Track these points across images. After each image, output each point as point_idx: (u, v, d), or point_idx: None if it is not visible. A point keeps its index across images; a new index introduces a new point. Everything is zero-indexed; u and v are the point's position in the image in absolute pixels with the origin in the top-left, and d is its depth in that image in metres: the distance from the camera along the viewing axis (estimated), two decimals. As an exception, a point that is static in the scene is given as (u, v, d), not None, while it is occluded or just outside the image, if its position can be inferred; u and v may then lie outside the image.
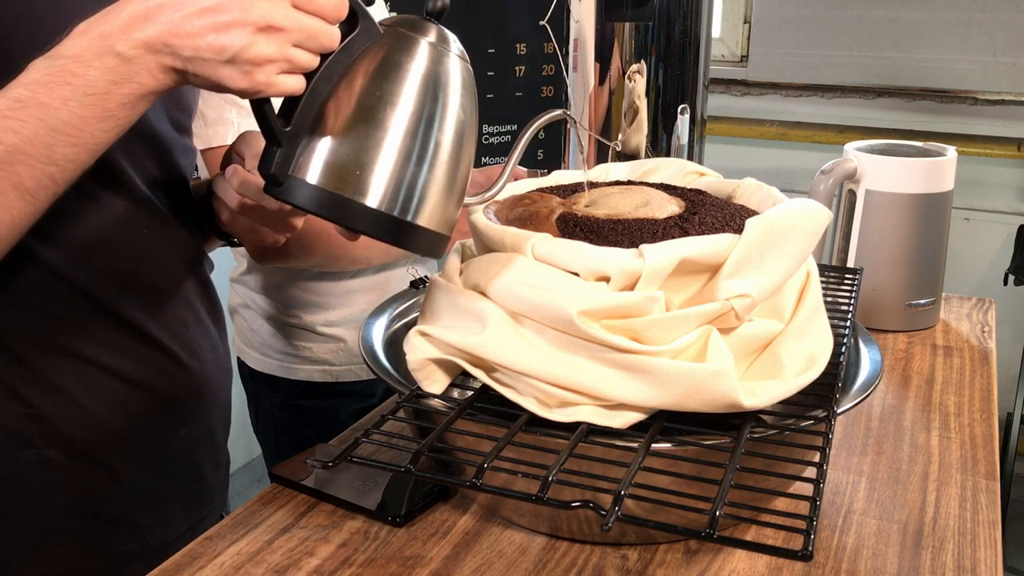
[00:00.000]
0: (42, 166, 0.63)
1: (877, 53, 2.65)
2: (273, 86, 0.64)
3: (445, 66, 0.68)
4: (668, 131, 1.35)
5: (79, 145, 0.63)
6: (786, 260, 0.73)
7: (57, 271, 0.77)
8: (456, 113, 0.69)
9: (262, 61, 0.63)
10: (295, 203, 0.66)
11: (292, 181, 0.66)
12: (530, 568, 0.75)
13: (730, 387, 0.68)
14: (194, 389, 0.89)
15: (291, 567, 0.75)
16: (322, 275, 1.29)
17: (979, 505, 0.85)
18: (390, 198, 0.66)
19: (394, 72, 0.66)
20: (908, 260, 1.26)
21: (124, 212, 0.81)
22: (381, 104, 0.66)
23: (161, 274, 0.86)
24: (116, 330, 0.81)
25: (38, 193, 0.64)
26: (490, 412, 0.72)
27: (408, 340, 0.76)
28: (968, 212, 2.61)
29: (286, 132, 0.66)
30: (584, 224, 0.78)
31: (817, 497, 0.60)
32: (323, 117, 0.66)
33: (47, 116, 0.62)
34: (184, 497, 0.92)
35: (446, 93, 0.68)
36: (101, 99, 0.63)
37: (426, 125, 0.67)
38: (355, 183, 0.65)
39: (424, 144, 0.67)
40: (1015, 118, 2.55)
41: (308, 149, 0.66)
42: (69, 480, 0.81)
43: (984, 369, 1.15)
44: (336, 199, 0.65)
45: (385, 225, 0.67)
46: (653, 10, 1.28)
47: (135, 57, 0.62)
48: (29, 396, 0.77)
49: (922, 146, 1.31)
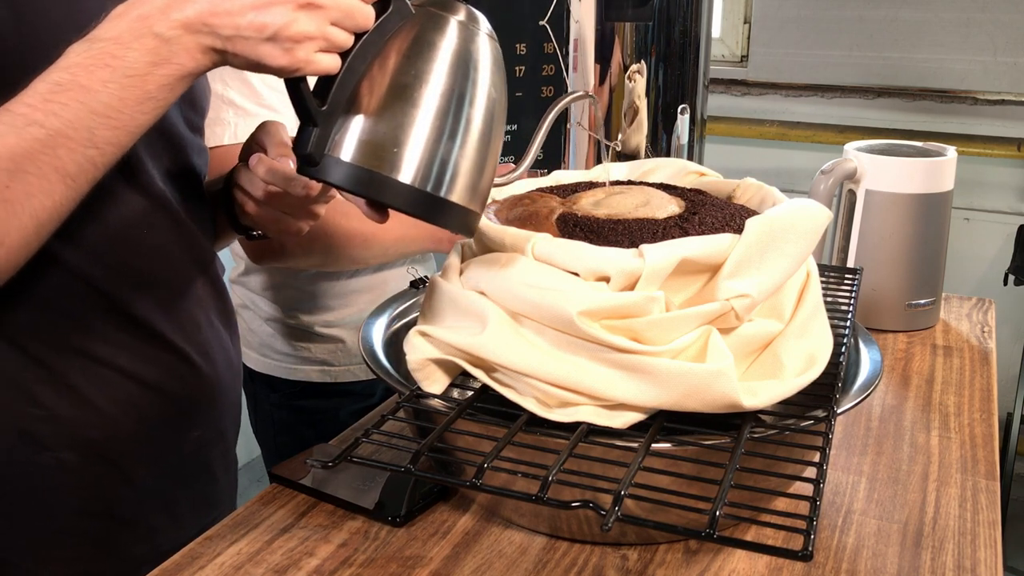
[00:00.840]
0: (83, 149, 0.63)
1: (877, 53, 2.65)
2: (312, 64, 0.65)
3: (475, 44, 0.69)
4: (668, 131, 1.35)
5: (119, 128, 0.64)
6: (786, 260, 0.73)
7: (74, 270, 0.76)
8: (487, 90, 0.70)
9: (302, 38, 0.63)
10: (331, 181, 0.67)
11: (328, 160, 0.67)
12: (530, 568, 0.75)
13: (730, 387, 0.68)
14: (207, 391, 0.89)
15: (291, 567, 0.75)
16: (320, 275, 1.29)
17: (979, 505, 0.85)
18: (424, 174, 0.67)
19: (427, 50, 0.67)
20: (908, 260, 1.26)
21: (141, 210, 0.80)
22: (415, 82, 0.67)
23: (175, 274, 0.86)
24: (130, 332, 0.81)
25: (79, 177, 0.64)
26: (490, 412, 0.72)
27: (408, 340, 0.76)
28: (968, 212, 2.61)
29: (322, 111, 0.66)
30: (584, 224, 0.78)
31: (817, 497, 0.60)
32: (357, 96, 0.67)
33: (88, 99, 0.62)
34: (196, 499, 0.91)
35: (477, 71, 0.69)
36: (141, 80, 0.63)
37: (458, 102, 0.68)
38: (390, 160, 0.66)
39: (456, 121, 0.68)
40: (1015, 118, 2.55)
41: (343, 128, 0.67)
42: (83, 482, 0.80)
43: (984, 369, 1.15)
44: (372, 176, 0.66)
45: (420, 201, 0.68)
46: (653, 10, 1.28)
47: (174, 38, 0.63)
48: (44, 398, 0.77)
49: (922, 146, 1.31)
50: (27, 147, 0.61)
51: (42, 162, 0.62)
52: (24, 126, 0.61)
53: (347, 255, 1.19)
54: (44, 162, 0.62)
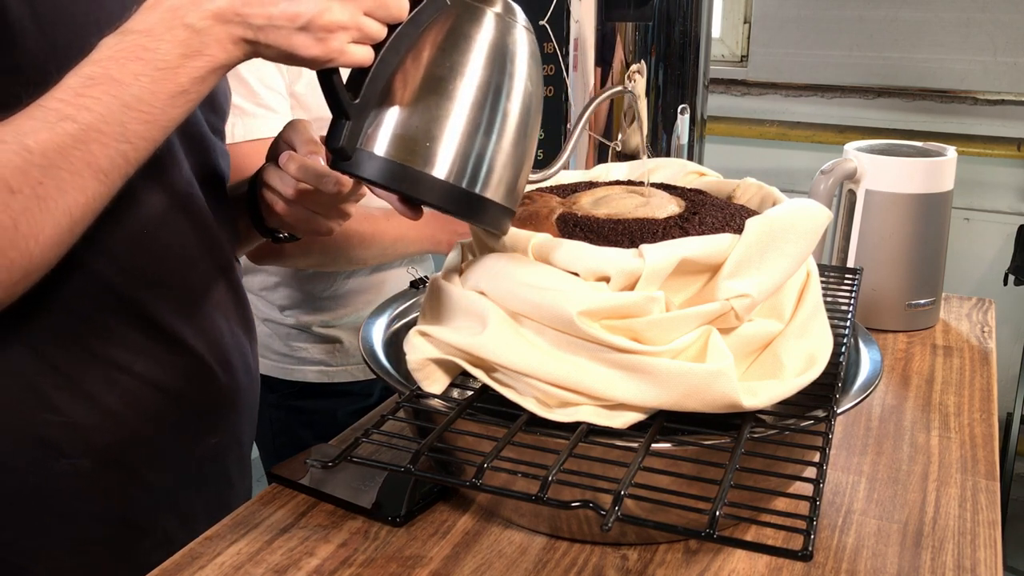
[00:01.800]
0: (115, 144, 0.62)
1: (877, 53, 2.65)
2: (345, 54, 0.64)
3: (512, 37, 0.68)
4: (668, 131, 1.35)
5: (151, 121, 0.63)
6: (786, 260, 0.73)
7: (93, 273, 0.75)
8: (524, 84, 0.68)
9: (335, 28, 0.62)
10: (364, 176, 0.66)
11: (360, 154, 0.65)
12: (530, 568, 0.75)
13: (730, 387, 0.68)
14: (225, 398, 0.88)
15: (291, 567, 0.75)
16: (318, 276, 1.29)
17: (979, 505, 0.85)
18: (459, 170, 0.66)
19: (462, 43, 0.66)
20: (908, 260, 1.26)
21: (164, 214, 0.79)
22: (450, 75, 0.65)
23: (196, 278, 0.84)
24: (150, 336, 0.80)
25: (112, 172, 0.63)
26: (490, 412, 0.72)
27: (408, 340, 0.76)
28: (968, 212, 2.61)
29: (355, 104, 0.65)
30: (584, 224, 0.78)
31: (817, 497, 0.60)
32: (391, 89, 0.66)
33: (120, 92, 0.61)
34: (211, 505, 0.90)
35: (513, 64, 0.68)
36: (173, 73, 0.62)
37: (494, 96, 0.67)
38: (424, 155, 0.65)
39: (492, 115, 0.67)
40: (1015, 118, 2.55)
41: (376, 122, 0.66)
42: (99, 488, 0.79)
43: (984, 369, 1.15)
44: (406, 171, 0.65)
45: (454, 197, 0.66)
46: (653, 10, 1.28)
47: (205, 28, 0.62)
48: (61, 404, 0.76)
49: (922, 146, 1.31)
50: (60, 142, 0.61)
51: (75, 157, 0.61)
52: (56, 121, 0.61)
53: (345, 255, 1.18)
54: (77, 157, 0.61)
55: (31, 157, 0.60)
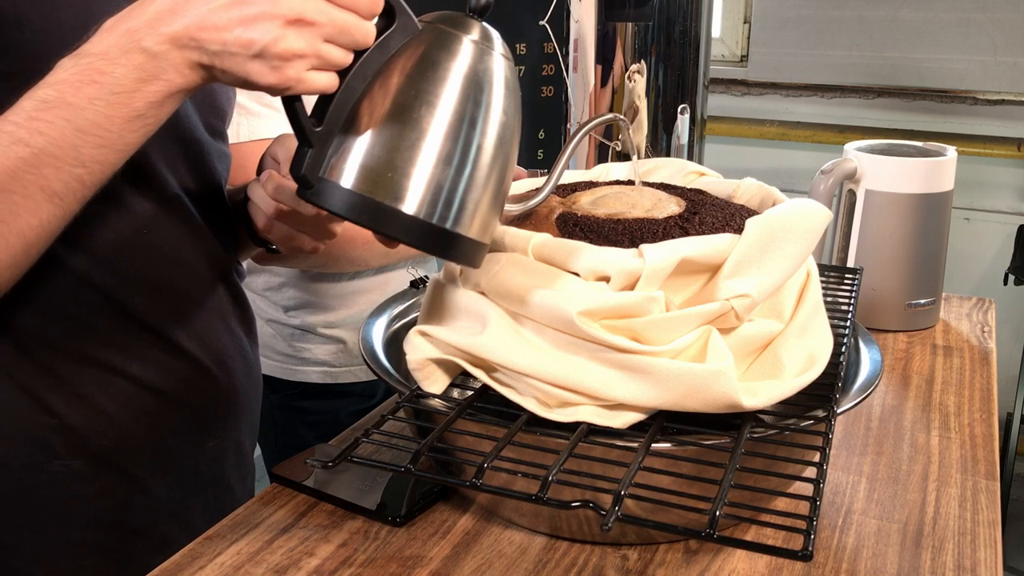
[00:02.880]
0: (69, 168, 0.61)
1: (877, 53, 2.65)
2: (303, 83, 0.61)
3: (487, 65, 0.65)
4: (668, 131, 1.35)
5: (106, 146, 0.62)
6: (786, 260, 0.73)
7: (84, 277, 0.75)
8: (498, 115, 0.65)
9: (291, 56, 0.60)
10: (326, 207, 0.63)
11: (324, 184, 0.63)
12: (530, 568, 0.75)
13: (730, 387, 0.68)
14: (223, 401, 0.88)
15: (291, 567, 0.75)
16: (322, 276, 1.29)
17: (979, 505, 0.85)
18: (427, 204, 0.63)
19: (432, 70, 0.63)
20: (908, 260, 1.26)
21: (154, 217, 0.79)
22: (418, 104, 0.62)
23: (191, 281, 0.84)
24: (143, 339, 0.80)
25: (66, 196, 0.62)
26: (490, 412, 0.72)
27: (408, 340, 0.76)
28: (968, 212, 2.61)
29: (317, 132, 0.62)
30: (584, 224, 0.78)
31: (817, 497, 0.60)
32: (357, 117, 0.63)
33: (74, 116, 0.60)
34: (210, 508, 0.90)
35: (489, 94, 0.64)
36: (128, 98, 0.61)
37: (468, 127, 0.63)
38: (390, 187, 0.62)
39: (465, 147, 0.63)
40: (1015, 118, 2.55)
41: (341, 150, 0.63)
42: (95, 491, 0.79)
43: (984, 369, 1.15)
44: (369, 204, 0.62)
45: (421, 232, 0.63)
46: (653, 10, 1.28)
47: (161, 53, 0.61)
48: (56, 406, 0.76)
49: (922, 146, 1.31)
50: (11, 166, 0.60)
51: (27, 181, 0.61)
52: (9, 144, 0.60)
53: (348, 256, 1.18)
54: (29, 181, 0.61)
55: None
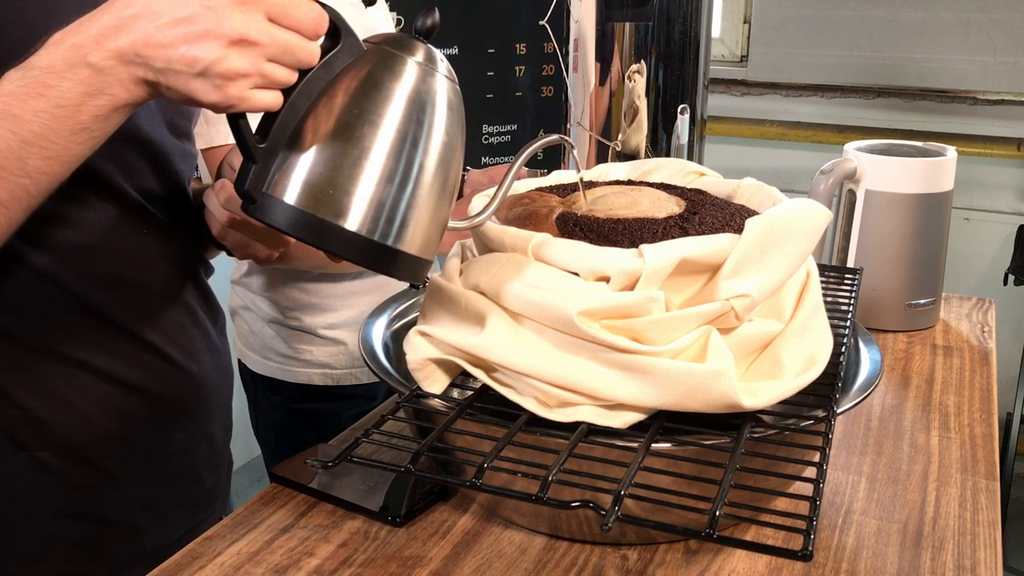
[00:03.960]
0: (15, 178, 0.62)
1: (877, 53, 2.65)
2: (246, 101, 0.62)
3: (430, 86, 0.66)
4: (668, 131, 1.35)
5: (52, 158, 0.63)
6: (786, 260, 0.73)
7: (48, 275, 0.76)
8: (441, 135, 0.66)
9: (234, 75, 0.61)
10: (268, 222, 0.64)
11: (267, 199, 0.64)
12: (530, 568, 0.75)
13: (730, 387, 0.68)
14: (191, 392, 0.89)
15: (291, 567, 0.75)
16: (323, 277, 1.29)
17: (979, 505, 0.85)
18: (369, 221, 0.64)
19: (375, 90, 0.64)
20: (908, 260, 1.26)
21: (115, 218, 0.80)
22: (360, 122, 0.64)
23: (154, 279, 0.85)
24: (109, 334, 0.81)
25: (12, 205, 0.63)
26: (490, 412, 0.72)
27: (408, 340, 0.76)
28: (968, 212, 2.61)
29: (261, 148, 0.63)
30: (584, 224, 0.78)
31: (817, 497, 0.60)
32: (301, 134, 0.64)
33: (19, 128, 0.61)
34: (181, 499, 0.91)
35: (432, 114, 0.66)
36: (74, 111, 0.62)
37: (410, 146, 0.65)
38: (331, 204, 0.63)
39: (407, 166, 0.65)
40: (1015, 118, 2.55)
41: (284, 167, 0.64)
42: (64, 483, 0.80)
43: (984, 369, 1.15)
44: (311, 220, 0.63)
45: (362, 249, 0.64)
46: (653, 10, 1.28)
47: (107, 68, 0.61)
48: (23, 399, 0.77)
49: (922, 146, 1.31)
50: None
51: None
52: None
53: None
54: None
55: None
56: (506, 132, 1.33)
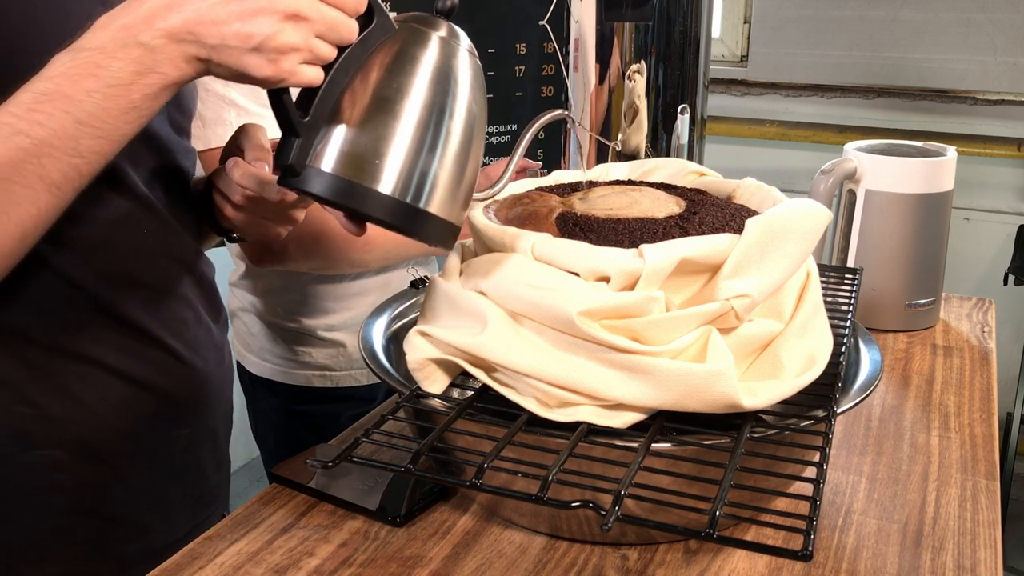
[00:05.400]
0: (68, 158, 0.63)
1: (877, 53, 2.65)
2: (296, 75, 0.65)
3: (456, 60, 0.70)
4: (668, 131, 1.35)
5: (104, 137, 0.64)
6: (786, 260, 0.73)
7: (62, 273, 0.77)
8: (467, 105, 0.70)
9: (287, 49, 0.64)
10: (312, 192, 0.68)
11: (309, 171, 0.68)
12: (530, 568, 0.75)
13: (730, 387, 0.68)
14: (196, 388, 0.90)
15: (291, 567, 0.75)
16: (322, 279, 1.29)
17: (979, 505, 0.85)
18: (403, 186, 0.68)
19: (408, 64, 0.68)
20: (908, 260, 1.26)
21: (125, 213, 0.81)
22: (396, 95, 0.68)
23: (162, 274, 0.86)
24: (118, 331, 0.82)
25: (64, 186, 0.64)
26: (490, 412, 0.72)
27: (408, 340, 0.76)
28: (968, 212, 2.61)
29: (304, 123, 0.67)
30: (584, 223, 0.78)
31: (817, 497, 0.60)
32: (339, 108, 0.68)
33: (72, 108, 0.63)
34: (187, 497, 0.92)
35: (457, 85, 0.70)
36: (125, 90, 0.63)
37: (438, 115, 0.69)
38: (371, 171, 0.67)
39: (436, 134, 0.69)
40: (1015, 118, 2.55)
41: (324, 139, 0.68)
42: (74, 481, 0.81)
43: (984, 369, 1.15)
44: (353, 187, 0.67)
45: (399, 212, 0.68)
46: (653, 10, 1.28)
47: (158, 47, 0.63)
48: (35, 397, 0.77)
49: (922, 146, 1.31)
50: (12, 156, 0.62)
51: (27, 171, 0.62)
52: (9, 135, 0.62)
53: (348, 259, 1.18)
54: (29, 171, 0.63)
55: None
56: (506, 132, 1.33)
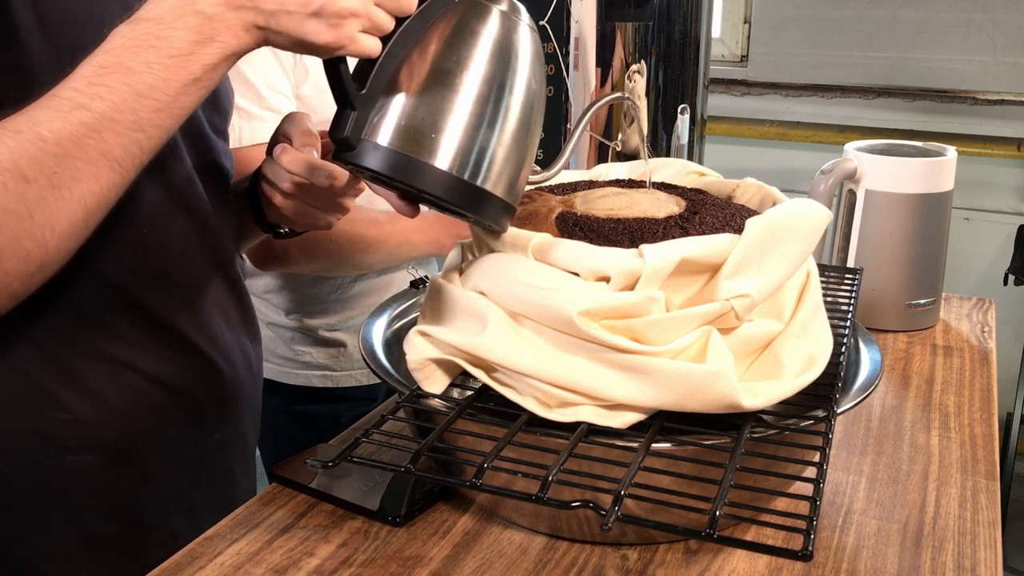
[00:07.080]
0: (129, 132, 0.62)
1: (877, 53, 2.65)
2: (355, 43, 0.64)
3: (517, 34, 0.68)
4: (668, 131, 1.35)
5: (164, 109, 0.63)
6: (786, 260, 0.73)
7: (97, 271, 0.76)
8: (528, 81, 0.69)
9: (347, 14, 0.63)
10: (367, 166, 0.66)
11: (365, 144, 0.66)
12: (530, 568, 0.75)
13: (730, 387, 0.68)
14: (227, 394, 0.89)
15: (291, 567, 0.75)
16: (323, 279, 1.29)
17: (979, 505, 0.85)
18: (462, 162, 0.66)
19: (469, 38, 0.67)
20: (908, 260, 1.26)
21: (164, 211, 0.80)
22: (456, 69, 0.66)
23: (197, 275, 0.85)
24: (152, 333, 0.80)
25: (125, 161, 0.63)
26: (490, 412, 0.72)
27: (408, 340, 0.76)
28: (968, 212, 2.61)
29: (361, 95, 0.66)
30: (584, 223, 0.78)
31: (817, 497, 0.60)
32: (397, 81, 0.66)
33: (132, 80, 0.62)
34: (217, 502, 0.90)
35: (518, 60, 0.68)
36: (185, 60, 0.63)
37: (498, 91, 0.67)
38: (428, 146, 0.65)
39: (496, 110, 0.67)
40: (1015, 118, 2.55)
41: (381, 113, 0.66)
42: (106, 485, 0.80)
43: (984, 369, 1.15)
44: (410, 162, 0.65)
45: (457, 189, 0.66)
46: (653, 10, 1.28)
47: (217, 15, 0.62)
48: (67, 401, 0.76)
49: (922, 146, 1.31)
50: (74, 131, 0.61)
51: (89, 146, 0.61)
52: (70, 110, 0.61)
53: (350, 260, 1.18)
54: (91, 146, 0.61)
55: (45, 146, 0.60)
56: (506, 132, 1.33)
